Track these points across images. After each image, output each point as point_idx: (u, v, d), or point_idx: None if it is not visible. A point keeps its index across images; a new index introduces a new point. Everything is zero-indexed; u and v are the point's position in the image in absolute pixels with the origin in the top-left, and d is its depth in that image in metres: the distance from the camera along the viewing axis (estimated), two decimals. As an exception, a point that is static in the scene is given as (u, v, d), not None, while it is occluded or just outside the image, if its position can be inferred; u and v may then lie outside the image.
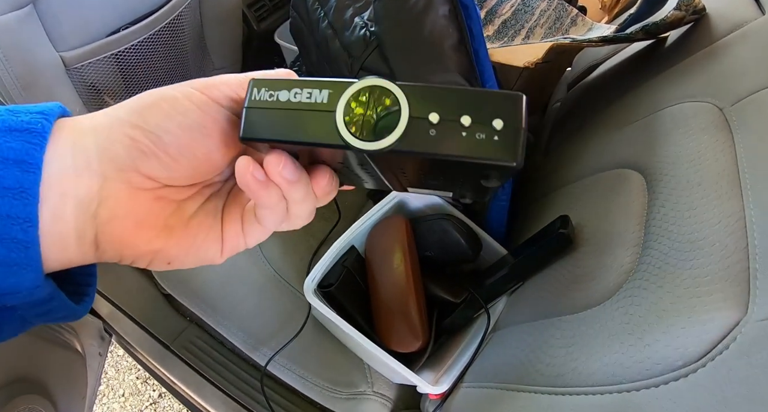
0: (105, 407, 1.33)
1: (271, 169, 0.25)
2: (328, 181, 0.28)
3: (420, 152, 0.22)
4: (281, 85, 0.25)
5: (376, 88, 0.23)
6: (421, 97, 0.23)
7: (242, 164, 0.25)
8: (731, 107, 0.55)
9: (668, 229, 0.50)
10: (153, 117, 0.25)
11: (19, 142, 0.22)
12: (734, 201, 0.46)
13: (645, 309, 0.45)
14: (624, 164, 0.62)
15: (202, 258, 0.29)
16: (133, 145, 0.24)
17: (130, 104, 0.26)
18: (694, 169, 0.52)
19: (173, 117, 0.25)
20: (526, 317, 0.61)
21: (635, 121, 0.66)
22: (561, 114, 0.99)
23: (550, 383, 0.49)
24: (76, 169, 0.24)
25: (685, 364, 0.39)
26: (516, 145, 0.21)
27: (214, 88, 0.26)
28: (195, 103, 0.25)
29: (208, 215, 0.29)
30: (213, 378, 0.82)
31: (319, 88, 0.24)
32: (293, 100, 0.24)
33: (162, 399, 1.34)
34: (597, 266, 0.55)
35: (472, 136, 0.22)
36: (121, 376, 1.38)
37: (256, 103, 0.25)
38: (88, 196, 0.24)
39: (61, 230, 0.23)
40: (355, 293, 0.72)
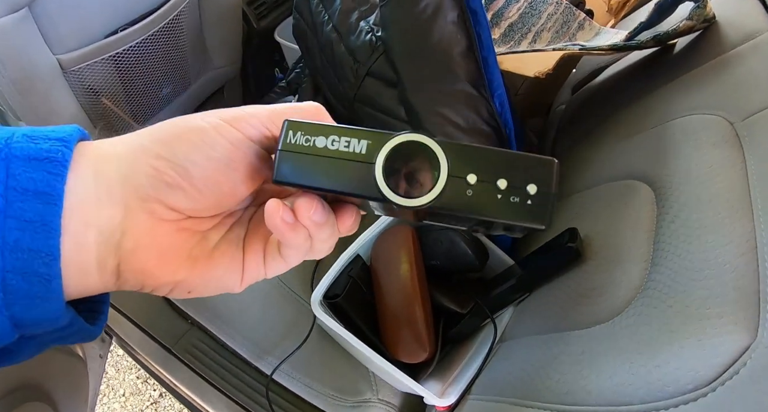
0: (105, 407, 1.33)
1: (302, 214, 0.25)
2: (354, 220, 0.28)
3: (456, 211, 0.23)
4: (318, 130, 0.24)
5: (416, 143, 0.23)
6: (461, 157, 0.23)
7: (272, 208, 0.25)
8: (742, 122, 0.54)
9: (678, 246, 0.49)
10: (180, 148, 0.24)
11: (39, 173, 0.21)
12: (745, 221, 0.46)
13: (655, 329, 0.45)
14: (633, 175, 0.62)
15: (222, 287, 0.29)
16: (157, 176, 0.24)
17: (155, 133, 0.25)
18: (704, 186, 0.52)
19: (202, 149, 0.24)
20: (533, 330, 0.61)
21: (644, 131, 0.66)
22: (566, 117, 0.98)
23: (559, 400, 0.49)
24: (98, 199, 0.23)
25: (696, 388, 0.39)
26: (547, 210, 0.22)
27: (243, 122, 0.26)
28: (225, 136, 0.25)
29: (230, 245, 0.28)
30: (216, 382, 0.82)
31: (358, 138, 0.24)
32: (330, 148, 0.24)
33: (163, 399, 1.34)
34: (605, 281, 0.55)
35: (506, 199, 0.23)
36: (121, 375, 1.38)
37: (291, 147, 0.24)
38: (111, 226, 0.24)
39: (83, 260, 0.23)
40: (361, 303, 0.72)
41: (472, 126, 0.67)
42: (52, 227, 0.21)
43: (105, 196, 0.23)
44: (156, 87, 1.06)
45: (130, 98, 1.01)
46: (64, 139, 0.23)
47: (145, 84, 1.02)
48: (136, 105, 1.03)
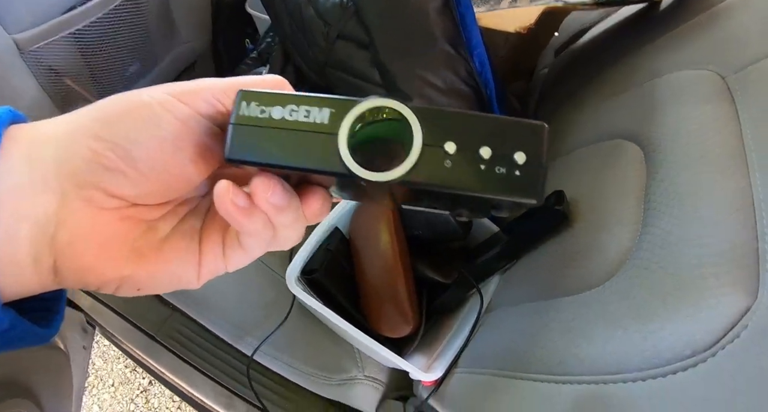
0: (95, 398, 1.32)
1: (259, 196, 0.22)
2: (322, 204, 0.25)
3: (433, 185, 0.20)
4: (275, 99, 0.22)
5: (384, 109, 0.21)
6: (437, 123, 0.20)
7: (222, 190, 0.22)
8: (734, 76, 0.52)
9: (670, 205, 0.47)
10: (121, 127, 0.22)
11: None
12: (739, 178, 0.43)
13: (648, 292, 0.43)
14: (620, 135, 0.59)
15: (176, 283, 0.26)
16: (95, 159, 0.21)
17: (95, 111, 0.22)
18: (695, 143, 0.49)
19: (145, 128, 0.22)
20: (521, 298, 0.59)
21: (631, 88, 0.63)
22: (549, 80, 0.95)
23: (550, 370, 0.47)
24: (32, 186, 0.21)
25: (694, 353, 0.37)
26: (538, 181, 0.20)
27: (194, 95, 0.23)
28: (171, 112, 0.22)
29: (183, 236, 0.26)
30: (201, 366, 0.80)
31: (319, 107, 0.21)
32: (288, 119, 0.21)
33: (152, 386, 1.33)
34: (594, 245, 0.53)
35: (491, 170, 0.20)
36: (109, 366, 1.36)
37: (245, 120, 0.22)
38: (45, 216, 0.21)
39: (14, 254, 0.21)
40: (341, 278, 0.69)
41: (451, 86, 0.63)
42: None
43: (39, 184, 0.21)
44: (122, 65, 1.01)
45: (95, 78, 0.96)
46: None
47: (109, 62, 0.97)
48: (102, 85, 0.98)
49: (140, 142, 0.22)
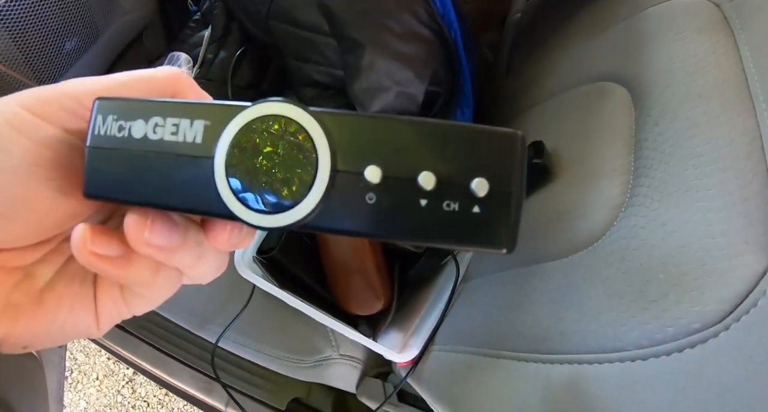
0: (81, 394, 1.30)
1: (133, 238, 0.17)
2: (233, 234, 0.19)
3: (346, 231, 0.15)
4: (134, 111, 0.16)
5: (277, 118, 0.15)
6: (352, 137, 0.14)
7: (77, 239, 0.17)
8: (730, 2, 0.46)
9: (664, 152, 0.41)
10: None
11: None
12: (746, 116, 0.38)
13: (646, 254, 0.37)
14: (603, 77, 0.53)
15: (71, 335, 0.21)
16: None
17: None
18: (691, 79, 0.43)
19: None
20: (499, 265, 0.53)
21: (614, 25, 0.57)
22: (522, 25, 0.88)
23: (535, 348, 0.41)
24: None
25: (704, 326, 0.31)
26: (509, 221, 0.14)
27: (54, 105, 0.18)
28: (22, 131, 0.17)
29: (71, 280, 0.21)
30: (176, 354, 0.78)
31: (191, 118, 0.15)
32: (151, 138, 0.16)
33: (137, 376, 1.31)
34: (580, 201, 0.47)
35: (436, 208, 0.14)
36: (91, 360, 1.34)
37: (102, 141, 0.17)
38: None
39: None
40: (303, 254, 0.63)
41: (409, 30, 0.55)
42: None
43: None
44: (57, 42, 0.91)
45: (28, 59, 0.86)
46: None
47: (43, 40, 0.87)
48: (37, 65, 0.88)
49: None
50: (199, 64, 0.87)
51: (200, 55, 0.88)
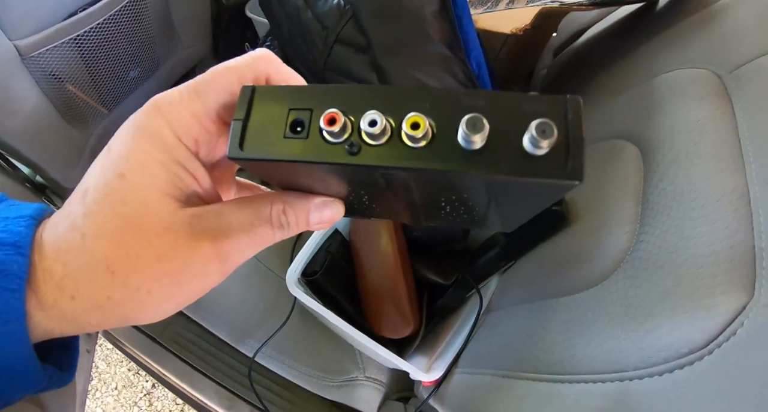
0: (99, 402, 1.32)
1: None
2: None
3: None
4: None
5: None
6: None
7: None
8: (730, 74, 0.52)
9: (667, 204, 0.47)
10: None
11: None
12: (737, 175, 0.43)
13: (645, 291, 0.43)
14: (618, 135, 0.60)
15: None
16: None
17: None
18: (693, 141, 0.49)
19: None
20: (520, 299, 0.59)
21: (628, 89, 0.63)
22: (548, 81, 0.95)
23: (549, 370, 0.47)
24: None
25: (690, 351, 0.37)
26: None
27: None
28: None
29: None
30: (204, 369, 0.81)
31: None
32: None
33: (156, 389, 1.33)
34: (592, 245, 0.53)
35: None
36: (112, 369, 1.36)
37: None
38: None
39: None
40: (342, 280, 0.69)
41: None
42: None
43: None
44: (123, 70, 1.01)
45: (96, 83, 0.96)
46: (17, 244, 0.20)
47: (111, 67, 0.97)
48: (103, 90, 0.98)
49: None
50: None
51: (255, 94, 0.96)
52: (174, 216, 0.21)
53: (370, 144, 0.18)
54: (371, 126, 0.18)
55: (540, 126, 0.16)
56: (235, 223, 0.22)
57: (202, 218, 0.22)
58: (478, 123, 0.16)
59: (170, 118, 0.21)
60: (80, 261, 0.20)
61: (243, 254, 0.23)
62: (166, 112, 0.21)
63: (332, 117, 0.18)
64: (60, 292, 0.21)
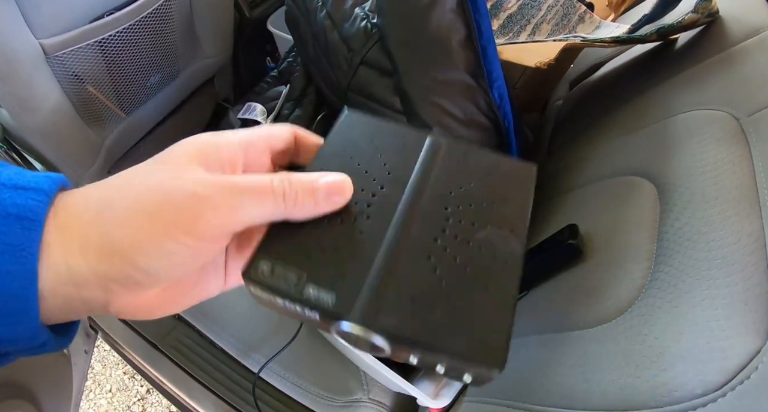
0: (92, 403, 1.31)
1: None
2: None
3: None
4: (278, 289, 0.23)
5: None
6: None
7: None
8: (748, 118, 0.53)
9: (682, 244, 0.48)
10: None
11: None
12: (753, 219, 0.44)
13: (660, 330, 0.43)
14: (634, 171, 0.60)
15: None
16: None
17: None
18: (710, 182, 0.50)
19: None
20: (532, 330, 0.59)
21: (646, 126, 0.64)
22: (563, 112, 0.97)
23: (559, 403, 0.47)
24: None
25: (705, 393, 0.37)
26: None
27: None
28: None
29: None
30: (203, 379, 0.80)
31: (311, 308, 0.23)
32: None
33: (150, 395, 1.32)
34: (607, 280, 0.53)
35: None
36: (108, 371, 1.36)
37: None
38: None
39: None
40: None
41: (470, 118, 0.64)
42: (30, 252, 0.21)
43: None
44: (144, 75, 1.02)
45: (116, 87, 0.98)
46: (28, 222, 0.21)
47: (132, 72, 0.99)
48: (122, 94, 0.99)
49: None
50: (274, 116, 0.98)
51: (276, 109, 0.98)
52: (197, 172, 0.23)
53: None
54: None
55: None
56: (241, 180, 0.23)
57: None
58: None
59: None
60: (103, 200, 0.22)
61: (251, 211, 0.23)
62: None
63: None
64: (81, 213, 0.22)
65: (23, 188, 0.21)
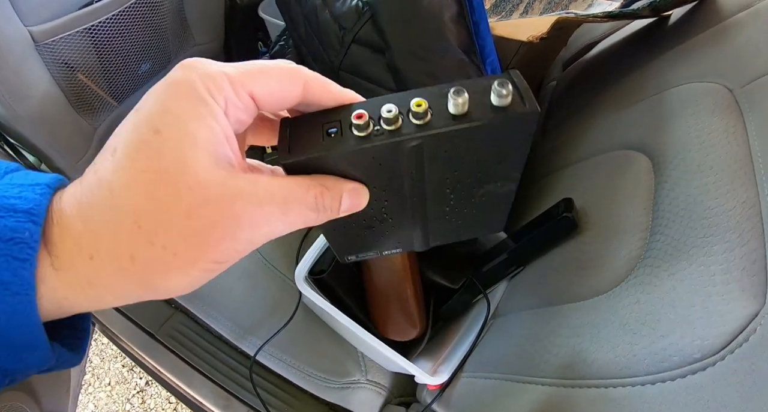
0: (91, 397, 1.31)
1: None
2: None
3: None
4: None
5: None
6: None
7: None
8: (741, 89, 0.53)
9: (678, 214, 0.48)
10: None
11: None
12: (748, 187, 0.44)
13: (657, 298, 0.44)
14: (629, 145, 0.60)
15: None
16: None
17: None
18: (705, 153, 0.50)
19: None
20: (529, 304, 0.59)
21: (640, 101, 0.64)
22: (558, 92, 0.97)
23: (559, 374, 0.47)
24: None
25: (703, 357, 0.37)
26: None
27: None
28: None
29: None
30: (201, 367, 0.80)
31: None
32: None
33: (149, 387, 1.32)
34: (603, 252, 0.53)
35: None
36: (106, 364, 1.35)
37: None
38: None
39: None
40: (348, 280, 0.69)
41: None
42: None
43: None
44: (134, 63, 1.01)
45: (107, 74, 0.96)
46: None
47: (123, 59, 0.98)
48: (113, 82, 0.98)
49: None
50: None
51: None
52: (208, 172, 0.20)
53: (389, 129, 0.23)
54: (388, 112, 0.23)
55: (499, 83, 0.22)
56: (269, 194, 0.22)
57: (236, 180, 0.21)
58: (460, 91, 0.22)
59: (205, 78, 0.21)
60: (105, 216, 0.20)
61: (273, 228, 0.22)
62: (202, 71, 0.21)
63: (360, 114, 0.23)
64: (78, 250, 0.20)
65: (12, 211, 0.19)
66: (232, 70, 0.22)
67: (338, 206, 0.25)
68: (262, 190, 0.22)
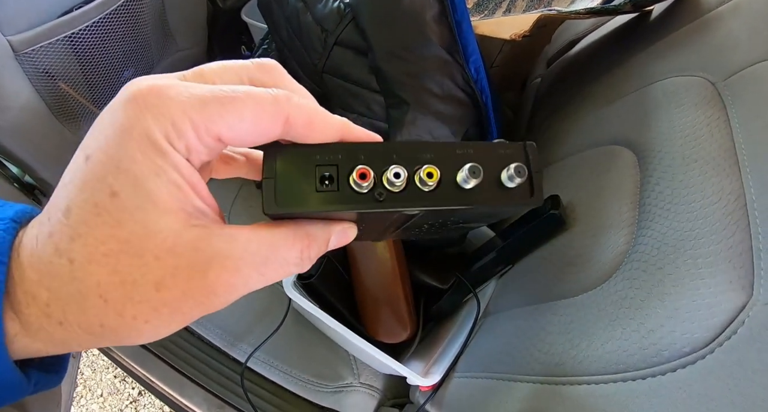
0: (83, 409, 1.29)
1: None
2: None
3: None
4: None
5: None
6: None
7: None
8: (724, 82, 0.53)
9: (664, 207, 0.48)
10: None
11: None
12: (733, 179, 0.44)
13: (645, 292, 0.43)
14: (613, 141, 0.60)
15: None
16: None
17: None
18: (689, 146, 0.50)
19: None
20: (518, 302, 0.59)
21: (624, 96, 0.64)
22: (542, 90, 0.97)
23: (549, 372, 0.47)
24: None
25: (693, 350, 0.37)
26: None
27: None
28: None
29: None
30: (193, 375, 0.79)
31: None
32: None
33: (142, 397, 1.31)
34: (591, 248, 0.53)
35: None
36: (98, 375, 1.34)
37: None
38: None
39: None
40: (338, 283, 0.69)
41: (448, 93, 0.64)
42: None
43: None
44: (117, 70, 1.00)
45: (89, 82, 0.95)
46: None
47: (105, 67, 0.96)
48: (96, 89, 0.97)
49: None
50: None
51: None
52: (177, 237, 0.19)
53: (392, 191, 0.21)
54: (396, 177, 0.21)
55: (517, 168, 0.22)
56: (248, 254, 0.20)
57: (210, 241, 0.19)
58: (476, 170, 0.21)
59: (163, 123, 0.18)
60: (69, 288, 0.18)
61: (251, 288, 0.21)
62: (156, 111, 0.18)
63: (363, 172, 0.21)
64: (47, 317, 0.19)
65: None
66: (196, 108, 0.19)
67: (325, 249, 0.23)
68: (239, 251, 0.20)
